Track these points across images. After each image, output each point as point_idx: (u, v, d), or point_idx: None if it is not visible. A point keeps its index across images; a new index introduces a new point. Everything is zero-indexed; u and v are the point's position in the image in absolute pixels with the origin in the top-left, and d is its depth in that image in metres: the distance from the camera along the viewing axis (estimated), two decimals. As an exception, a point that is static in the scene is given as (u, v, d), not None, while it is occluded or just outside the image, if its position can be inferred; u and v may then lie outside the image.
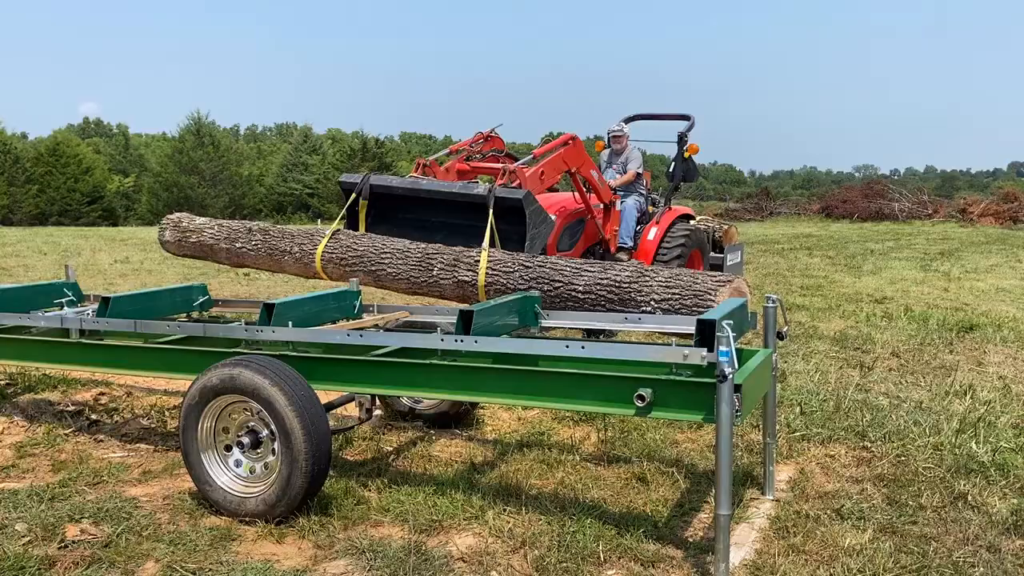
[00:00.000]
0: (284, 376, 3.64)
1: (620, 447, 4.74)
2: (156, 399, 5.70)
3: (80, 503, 3.89)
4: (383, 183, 7.11)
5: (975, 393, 5.80)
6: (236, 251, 7.14)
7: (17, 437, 4.93)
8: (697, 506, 3.96)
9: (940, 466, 4.39)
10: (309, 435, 3.55)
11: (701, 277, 5.20)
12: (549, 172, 7.18)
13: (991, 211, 26.89)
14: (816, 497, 4.04)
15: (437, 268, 6.09)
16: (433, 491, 4.00)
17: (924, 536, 3.61)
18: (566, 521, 3.68)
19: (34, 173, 46.05)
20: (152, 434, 5.02)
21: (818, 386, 5.94)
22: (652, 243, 8.45)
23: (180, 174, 47.73)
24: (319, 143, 62.54)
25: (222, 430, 3.84)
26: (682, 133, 9.25)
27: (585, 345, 3.61)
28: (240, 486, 3.79)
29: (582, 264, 5.65)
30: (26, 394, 5.79)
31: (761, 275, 12.97)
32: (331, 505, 3.82)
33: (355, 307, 4.96)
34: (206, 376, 3.75)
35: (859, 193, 32.33)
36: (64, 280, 5.63)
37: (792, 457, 4.59)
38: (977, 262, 15.07)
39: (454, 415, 5.11)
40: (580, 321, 4.79)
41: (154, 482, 4.23)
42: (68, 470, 4.35)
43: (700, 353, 3.21)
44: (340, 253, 6.53)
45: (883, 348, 7.35)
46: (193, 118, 49.96)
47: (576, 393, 3.48)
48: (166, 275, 13.36)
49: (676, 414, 3.32)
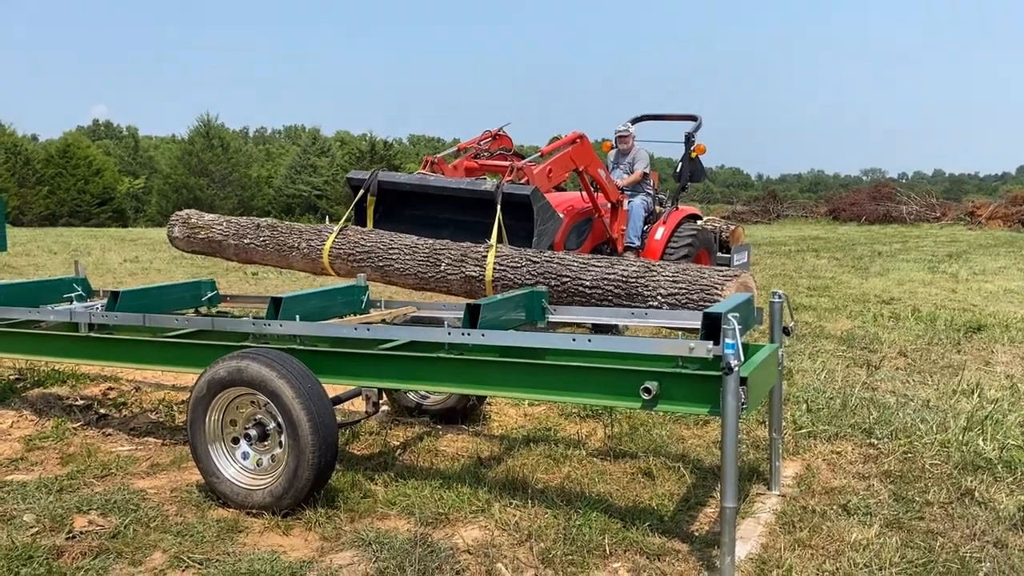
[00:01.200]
0: (291, 369, 3.65)
1: (626, 443, 4.75)
2: (164, 394, 5.72)
3: (88, 495, 3.91)
4: (391, 179, 7.15)
5: (982, 392, 5.79)
6: (244, 247, 7.18)
7: (26, 430, 4.96)
8: (703, 501, 3.96)
9: (947, 463, 4.38)
10: (316, 427, 3.56)
11: (708, 272, 5.22)
12: (557, 170, 7.20)
13: (999, 214, 26.76)
14: (822, 493, 4.03)
15: (445, 264, 6.11)
16: (439, 485, 4.01)
17: (931, 531, 3.60)
18: (572, 514, 3.68)
19: (45, 174, 46.26)
20: (160, 428, 5.04)
21: (825, 384, 5.93)
22: (659, 243, 8.46)
23: (189, 176, 47.91)
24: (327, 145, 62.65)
25: (229, 423, 3.86)
26: (689, 133, 9.26)
27: (591, 338, 3.61)
28: (247, 478, 3.80)
29: (589, 259, 5.67)
30: (35, 388, 5.83)
31: (768, 276, 12.95)
32: (338, 498, 3.83)
33: (362, 302, 4.98)
34: (214, 369, 3.77)
35: (867, 196, 32.25)
36: (74, 276, 5.66)
37: (798, 454, 4.59)
38: (985, 264, 15.01)
39: (460, 411, 5.12)
40: (587, 316, 4.80)
41: (162, 475, 4.25)
42: (76, 463, 4.38)
43: (706, 346, 3.21)
44: (348, 249, 6.56)
45: (890, 348, 7.33)
46: (202, 120, 50.15)
47: (582, 386, 3.48)
48: (175, 274, 13.40)
49: (682, 407, 3.32)
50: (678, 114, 9.82)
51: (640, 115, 9.89)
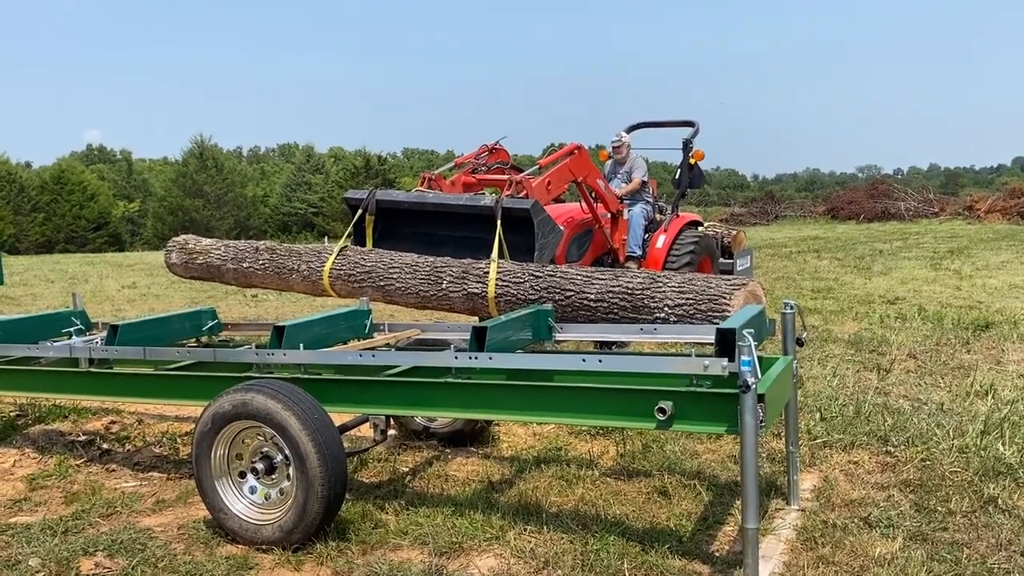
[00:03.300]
0: (297, 400, 3.58)
1: (640, 460, 4.67)
2: (168, 426, 5.64)
3: (94, 535, 3.83)
4: (389, 198, 7.08)
5: (996, 393, 5.71)
6: (243, 271, 7.10)
7: (29, 469, 4.88)
8: (721, 519, 3.88)
9: (967, 469, 4.30)
10: (324, 459, 3.48)
11: (715, 281, 5.14)
12: (555, 182, 7.14)
13: (998, 207, 26.73)
14: (842, 505, 3.95)
15: (446, 281, 6.03)
16: (452, 512, 3.93)
17: (956, 543, 3.52)
18: (589, 539, 3.60)
19: (40, 201, 46.27)
20: (164, 462, 4.96)
21: (836, 391, 5.85)
22: (661, 251, 8.39)
23: (185, 197, 47.93)
24: (322, 162, 62.74)
25: (235, 456, 3.78)
26: (687, 140, 9.20)
27: (602, 359, 3.54)
28: (256, 513, 3.72)
29: (593, 272, 5.59)
30: (37, 425, 5.75)
31: (771, 279, 12.89)
32: (348, 529, 3.75)
33: (366, 326, 4.90)
34: (218, 403, 3.69)
35: (864, 194, 32.21)
36: (71, 309, 5.59)
37: (815, 464, 4.51)
38: (987, 259, 14.95)
39: (469, 433, 5.04)
40: (595, 333, 4.72)
41: (168, 511, 4.17)
42: (81, 502, 4.30)
43: (721, 363, 3.14)
44: (348, 269, 6.48)
45: (899, 349, 7.26)
46: (196, 141, 50.26)
47: (595, 408, 3.41)
48: (174, 299, 13.32)
49: (698, 426, 3.25)
50: (675, 120, 9.76)
51: (636, 123, 9.82)
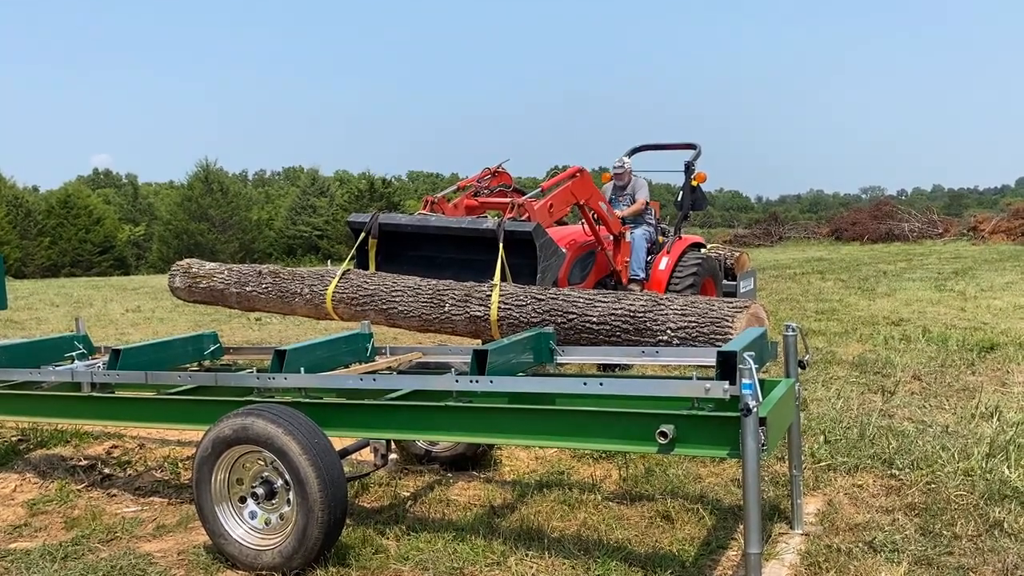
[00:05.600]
0: (298, 424, 3.57)
1: (643, 484, 4.64)
2: (169, 450, 5.63)
3: (94, 562, 3.81)
4: (392, 221, 7.11)
5: (1002, 415, 5.67)
6: (247, 295, 7.12)
7: (30, 494, 4.86)
8: (724, 543, 3.84)
9: (972, 493, 4.27)
10: (324, 484, 3.46)
11: (717, 304, 5.14)
12: (558, 205, 7.17)
13: (1002, 228, 26.75)
14: (846, 529, 3.92)
15: (449, 304, 6.04)
16: (453, 537, 3.90)
17: (962, 567, 3.49)
18: (591, 564, 3.57)
19: (46, 225, 46.53)
20: (165, 486, 4.94)
21: (840, 413, 5.82)
22: (664, 273, 8.39)
23: (190, 221, 48.13)
24: (327, 185, 63.00)
25: (236, 481, 3.76)
26: (689, 162, 9.22)
27: (603, 382, 3.52)
28: (256, 538, 3.70)
29: (595, 295, 5.59)
30: (38, 449, 5.73)
31: (775, 301, 12.87)
32: (349, 555, 3.72)
33: (367, 350, 4.89)
34: (218, 427, 3.68)
35: (868, 215, 32.28)
36: (74, 333, 5.60)
37: (819, 488, 4.47)
38: (992, 280, 14.92)
39: (471, 457, 5.01)
40: (597, 356, 4.71)
41: (168, 536, 4.15)
42: (81, 527, 4.28)
43: (722, 386, 3.13)
44: (351, 293, 6.50)
45: (903, 371, 7.23)
46: (201, 165, 50.54)
47: (596, 432, 3.39)
48: (178, 323, 13.34)
49: (700, 450, 3.22)
50: (677, 143, 9.79)
51: (638, 146, 9.85)
